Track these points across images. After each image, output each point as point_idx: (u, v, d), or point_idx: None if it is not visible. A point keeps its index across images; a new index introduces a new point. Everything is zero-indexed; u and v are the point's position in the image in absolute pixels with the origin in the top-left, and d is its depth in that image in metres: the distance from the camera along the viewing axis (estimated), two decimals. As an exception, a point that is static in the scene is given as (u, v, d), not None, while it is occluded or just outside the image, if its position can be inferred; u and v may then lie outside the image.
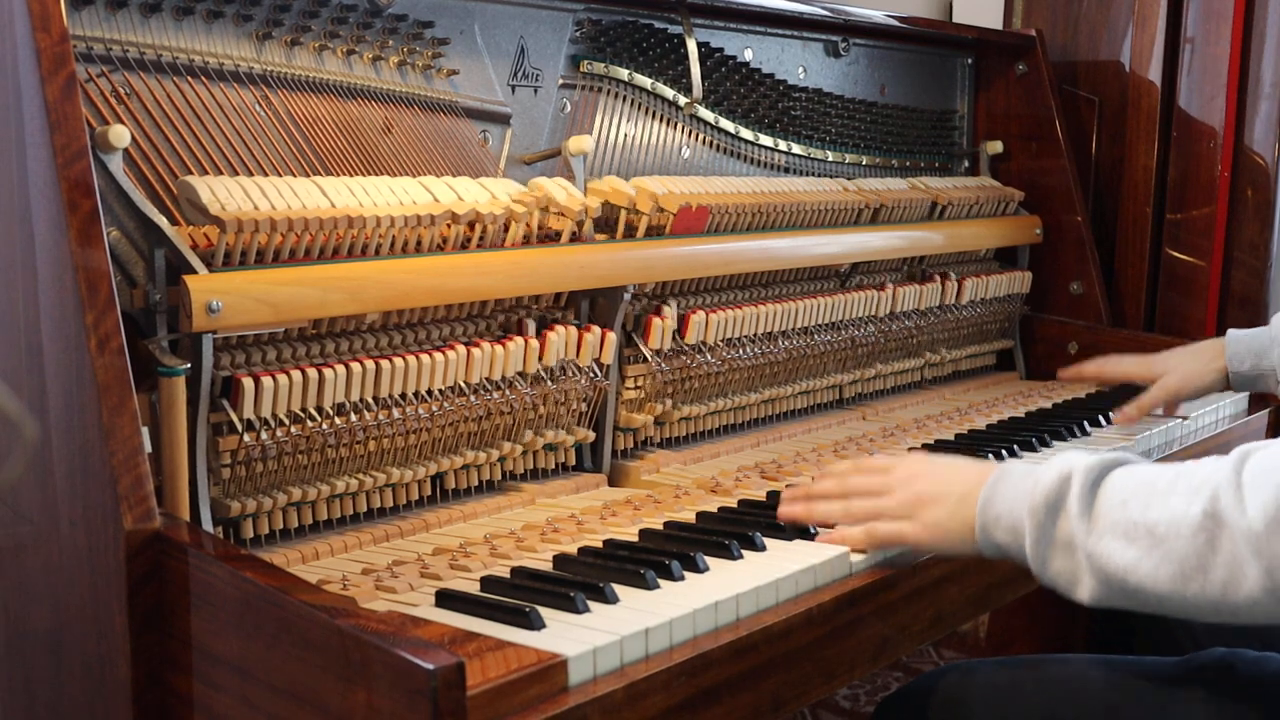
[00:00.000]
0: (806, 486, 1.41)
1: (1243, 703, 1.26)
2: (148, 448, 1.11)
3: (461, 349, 1.45)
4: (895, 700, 1.44)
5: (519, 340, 1.51)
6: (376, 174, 1.49)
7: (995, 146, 2.49)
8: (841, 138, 2.22)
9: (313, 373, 1.32)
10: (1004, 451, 1.72)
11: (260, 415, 1.28)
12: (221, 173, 1.37)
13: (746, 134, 2.03)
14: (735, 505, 1.49)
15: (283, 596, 0.97)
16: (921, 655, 2.40)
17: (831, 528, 1.35)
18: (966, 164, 2.51)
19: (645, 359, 1.69)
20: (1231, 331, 1.77)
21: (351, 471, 1.40)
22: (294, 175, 1.41)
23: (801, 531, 1.36)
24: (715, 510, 1.47)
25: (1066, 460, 1.19)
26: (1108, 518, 1.13)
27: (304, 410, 1.32)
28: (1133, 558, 1.11)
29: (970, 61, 2.53)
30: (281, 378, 1.29)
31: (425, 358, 1.41)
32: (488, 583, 1.21)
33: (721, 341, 1.79)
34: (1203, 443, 1.93)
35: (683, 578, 1.22)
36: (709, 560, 1.26)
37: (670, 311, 1.72)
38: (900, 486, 1.30)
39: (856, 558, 1.31)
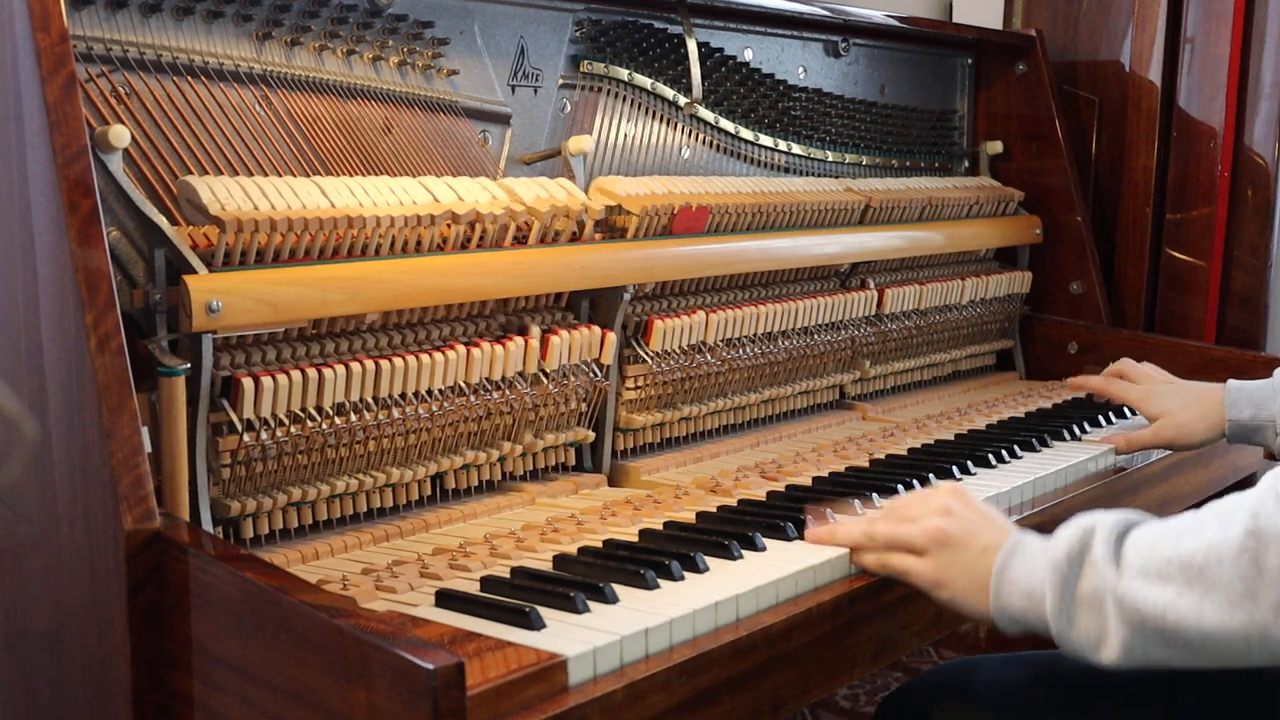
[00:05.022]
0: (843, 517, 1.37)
1: (1244, 683, 1.26)
2: (148, 448, 1.11)
3: (461, 349, 1.45)
4: (897, 697, 1.44)
5: (519, 340, 1.51)
6: (376, 174, 1.49)
7: (995, 146, 2.49)
8: (841, 138, 2.22)
9: (313, 373, 1.32)
10: (1004, 451, 1.71)
11: (260, 415, 1.28)
12: (221, 173, 1.37)
13: (746, 134, 2.03)
14: (735, 505, 1.49)
15: (282, 596, 0.97)
16: (921, 655, 2.40)
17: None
18: (966, 164, 2.51)
19: (645, 359, 1.70)
20: (1232, 381, 1.75)
21: (351, 471, 1.40)
22: (294, 175, 1.41)
23: (800, 529, 1.36)
24: (715, 510, 1.47)
25: (1087, 517, 1.14)
26: (1138, 560, 1.07)
27: (304, 410, 1.32)
28: (1170, 596, 1.04)
29: (970, 61, 2.53)
30: (281, 378, 1.29)
31: (425, 358, 1.41)
32: (488, 583, 1.21)
33: (721, 341, 1.79)
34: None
35: (683, 578, 1.22)
36: (709, 560, 1.26)
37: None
38: (928, 517, 1.23)
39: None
